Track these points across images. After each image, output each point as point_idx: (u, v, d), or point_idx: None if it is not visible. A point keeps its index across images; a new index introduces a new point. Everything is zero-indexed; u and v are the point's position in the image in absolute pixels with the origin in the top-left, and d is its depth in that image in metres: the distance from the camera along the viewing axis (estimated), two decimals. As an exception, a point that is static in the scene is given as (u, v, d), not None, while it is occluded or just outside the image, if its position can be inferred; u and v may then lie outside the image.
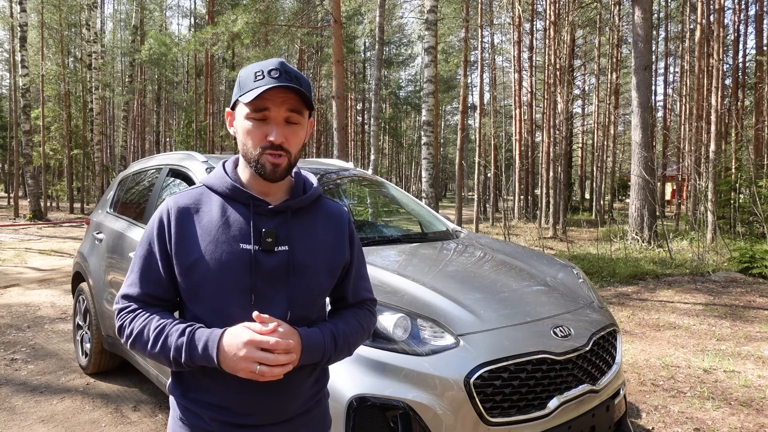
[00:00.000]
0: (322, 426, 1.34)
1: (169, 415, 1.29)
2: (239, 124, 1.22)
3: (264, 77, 1.15)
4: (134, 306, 1.21)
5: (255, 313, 1.11)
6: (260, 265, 1.18)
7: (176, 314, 1.26)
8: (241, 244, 1.18)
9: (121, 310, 1.23)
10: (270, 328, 1.10)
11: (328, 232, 1.30)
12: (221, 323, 1.16)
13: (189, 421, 1.23)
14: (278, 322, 1.12)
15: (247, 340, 1.08)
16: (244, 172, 1.26)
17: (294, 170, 1.32)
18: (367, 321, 1.37)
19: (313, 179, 1.35)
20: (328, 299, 1.37)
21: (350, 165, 4.28)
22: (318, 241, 1.27)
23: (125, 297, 1.23)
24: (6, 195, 29.60)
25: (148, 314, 1.19)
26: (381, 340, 2.08)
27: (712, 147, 13.89)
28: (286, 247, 1.21)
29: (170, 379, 1.27)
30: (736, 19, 20.94)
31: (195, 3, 39.67)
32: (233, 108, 1.24)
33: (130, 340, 1.19)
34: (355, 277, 1.38)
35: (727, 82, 20.54)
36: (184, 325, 1.16)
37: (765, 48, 19.15)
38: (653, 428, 3.32)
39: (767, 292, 7.18)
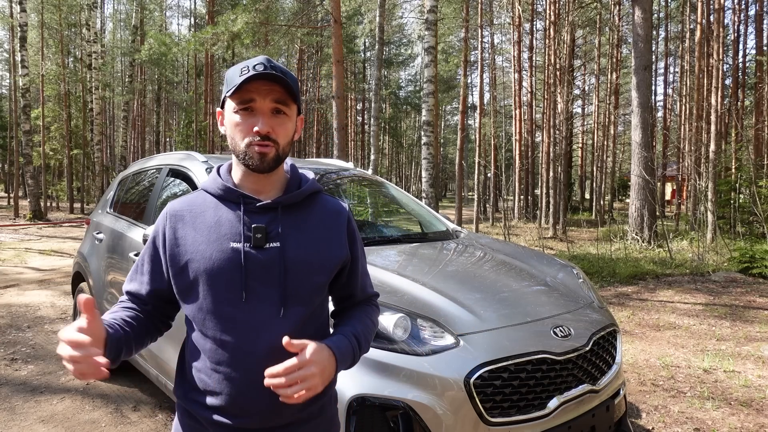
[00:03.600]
0: None
1: (175, 417, 1.30)
2: (228, 119, 1.23)
3: (249, 71, 1.16)
4: (122, 301, 1.30)
5: (285, 339, 1.08)
6: (251, 262, 1.18)
7: (151, 316, 1.30)
8: (231, 243, 1.19)
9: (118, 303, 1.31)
10: (284, 367, 1.07)
11: (323, 228, 1.28)
12: (214, 322, 1.18)
13: (187, 422, 1.24)
14: (296, 362, 1.08)
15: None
16: (236, 173, 1.27)
17: (289, 166, 1.33)
18: (375, 316, 1.39)
19: (310, 175, 1.35)
20: (331, 300, 1.37)
21: (350, 165, 4.28)
22: (311, 237, 1.25)
23: (125, 293, 1.32)
24: (6, 195, 29.59)
25: (117, 309, 1.25)
26: (381, 340, 2.08)
27: (712, 147, 13.89)
28: (278, 244, 1.21)
29: (175, 379, 1.29)
30: (736, 19, 20.96)
31: (195, 3, 39.69)
32: (222, 107, 1.26)
33: None
34: (362, 274, 1.38)
35: (727, 82, 20.54)
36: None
37: (765, 48, 19.15)
38: (653, 428, 3.32)
39: (767, 292, 7.18)
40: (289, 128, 1.22)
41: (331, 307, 1.39)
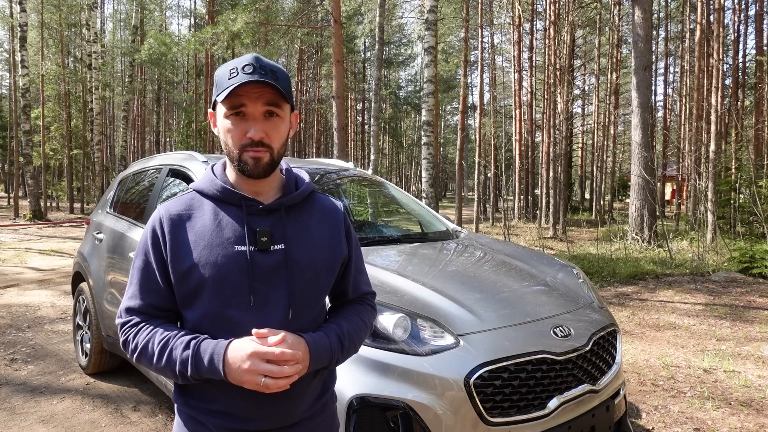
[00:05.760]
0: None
1: (174, 423, 1.27)
2: (220, 123, 1.20)
3: (238, 74, 1.12)
4: (137, 319, 1.18)
5: (254, 331, 1.09)
6: (257, 265, 1.16)
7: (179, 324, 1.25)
8: (236, 246, 1.16)
9: (123, 324, 1.19)
10: (276, 339, 1.08)
11: (323, 228, 1.28)
12: (220, 328, 1.15)
13: (193, 428, 1.21)
14: (284, 333, 1.09)
15: (251, 351, 1.06)
16: (232, 173, 1.24)
17: (284, 168, 1.31)
18: (368, 316, 1.35)
19: (305, 176, 1.33)
20: (327, 297, 1.36)
21: (350, 165, 4.28)
22: (314, 237, 1.25)
23: (128, 311, 1.20)
24: (6, 195, 29.59)
25: (151, 327, 1.16)
26: (381, 340, 2.08)
27: (712, 147, 13.89)
28: (282, 246, 1.19)
29: (174, 388, 1.25)
30: (736, 19, 20.94)
31: (195, 3, 39.70)
32: (214, 108, 1.23)
33: (135, 355, 1.16)
34: (355, 272, 1.36)
35: (727, 82, 20.53)
36: (189, 338, 1.13)
37: (765, 48, 19.15)
38: (653, 428, 3.32)
39: (767, 292, 7.18)
40: (282, 130, 1.19)
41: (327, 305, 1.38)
